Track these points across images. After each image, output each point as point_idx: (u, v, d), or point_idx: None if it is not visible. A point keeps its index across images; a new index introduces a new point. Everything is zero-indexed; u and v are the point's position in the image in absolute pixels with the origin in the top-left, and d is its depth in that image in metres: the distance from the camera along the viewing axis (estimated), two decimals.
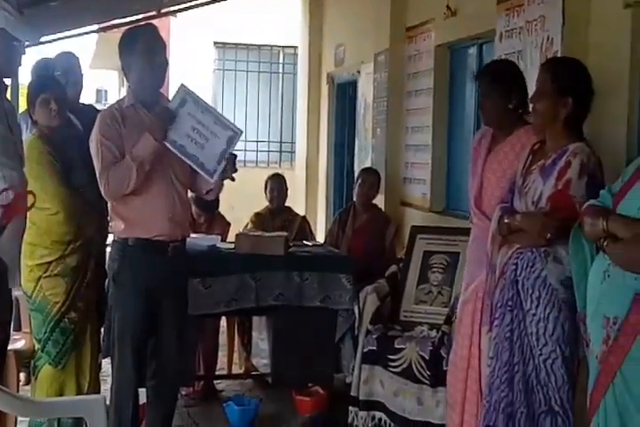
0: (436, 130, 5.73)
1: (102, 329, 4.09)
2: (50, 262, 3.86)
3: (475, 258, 3.52)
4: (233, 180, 3.70)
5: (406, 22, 6.21)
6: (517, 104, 3.45)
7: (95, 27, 8.18)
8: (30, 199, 3.48)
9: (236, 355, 5.47)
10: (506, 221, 3.06)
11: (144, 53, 3.59)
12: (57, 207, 3.83)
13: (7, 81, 3.39)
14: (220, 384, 5.28)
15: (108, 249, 3.81)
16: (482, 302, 3.39)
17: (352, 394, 4.43)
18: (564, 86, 3.01)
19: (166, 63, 3.68)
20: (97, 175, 3.60)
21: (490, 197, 3.48)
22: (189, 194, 4.97)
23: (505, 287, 3.07)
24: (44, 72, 4.29)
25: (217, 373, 5.27)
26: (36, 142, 3.87)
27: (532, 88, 3.22)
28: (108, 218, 3.74)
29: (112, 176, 3.55)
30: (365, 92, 7.21)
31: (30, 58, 4.55)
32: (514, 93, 3.45)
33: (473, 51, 5.40)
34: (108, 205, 3.73)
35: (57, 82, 4.05)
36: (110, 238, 3.85)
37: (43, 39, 6.78)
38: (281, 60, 10.75)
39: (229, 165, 3.58)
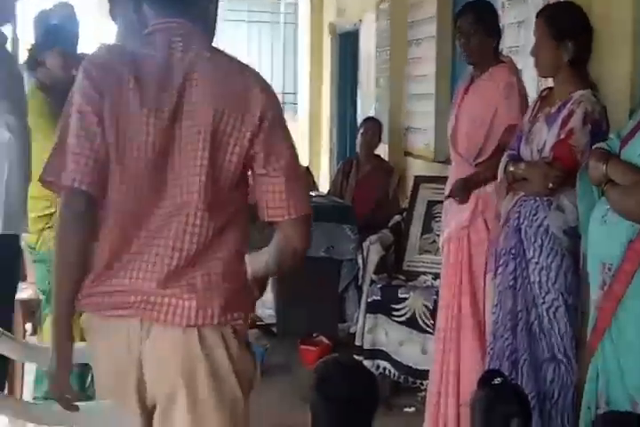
0: (439, 78, 5.68)
1: None
2: (52, 214, 3.86)
3: (450, 200, 3.56)
4: None
5: None
6: (497, 42, 3.51)
7: None
8: None
9: None
10: (510, 169, 3.05)
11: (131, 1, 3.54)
12: None
13: (7, 33, 3.37)
14: None
15: None
16: (467, 241, 3.45)
17: (356, 343, 4.47)
18: (560, 30, 2.96)
19: None
20: None
21: (463, 136, 3.53)
22: None
23: (508, 235, 3.07)
24: (52, 24, 4.23)
25: None
26: (36, 92, 3.84)
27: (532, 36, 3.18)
28: None
29: None
30: (368, 41, 7.13)
31: (27, 8, 4.49)
32: (495, 32, 3.51)
33: None
34: None
35: (71, 35, 4.02)
36: None
37: None
38: (282, 10, 10.61)
39: None
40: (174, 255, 1.83)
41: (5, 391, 3.63)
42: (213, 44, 1.99)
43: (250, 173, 1.92)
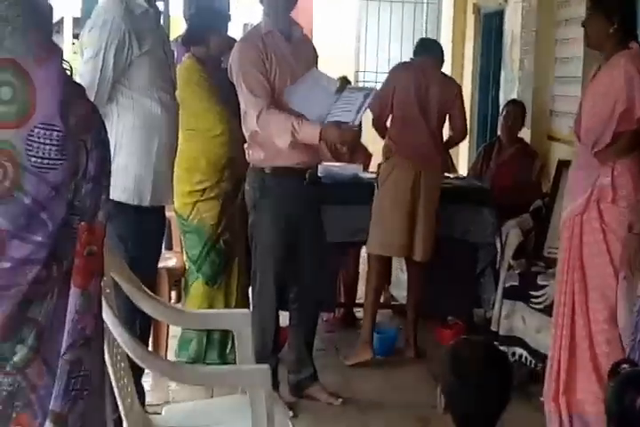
0: (586, 61, 5.47)
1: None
2: (206, 189, 3.99)
3: (573, 182, 3.49)
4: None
5: None
6: (618, 29, 3.32)
7: None
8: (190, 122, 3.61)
9: None
10: None
11: None
12: (220, 129, 3.90)
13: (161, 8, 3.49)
14: (359, 313, 5.33)
15: None
16: (580, 228, 3.35)
17: (492, 329, 4.40)
18: None
19: None
20: (243, 104, 3.63)
21: (587, 122, 3.40)
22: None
23: None
24: (208, 5, 4.37)
25: (357, 301, 5.35)
26: (195, 66, 3.98)
27: None
28: (245, 146, 3.76)
29: (263, 124, 3.56)
30: (513, 21, 6.96)
31: None
32: (615, 18, 3.32)
33: None
34: (245, 132, 3.73)
35: (225, 16, 4.17)
36: None
37: None
38: None
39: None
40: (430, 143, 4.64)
41: None
42: None
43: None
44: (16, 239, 1.37)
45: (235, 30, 4.64)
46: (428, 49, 4.99)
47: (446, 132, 4.95)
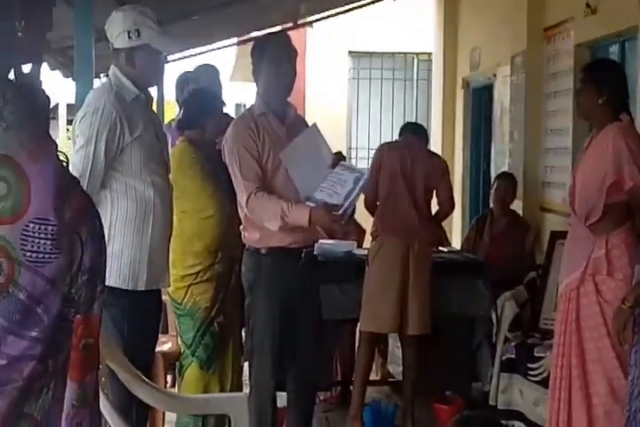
0: (576, 132, 5.58)
1: (244, 332, 4.18)
2: (199, 272, 3.98)
3: (569, 255, 3.49)
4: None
5: (544, 22, 6.09)
6: (608, 101, 3.36)
7: (234, 40, 8.38)
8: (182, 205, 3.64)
9: None
10: None
11: (271, 62, 3.62)
12: (212, 210, 3.92)
13: (153, 94, 3.55)
14: None
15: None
16: (576, 302, 3.33)
17: (490, 403, 4.37)
18: None
19: (293, 72, 3.67)
20: (235, 186, 3.63)
21: (579, 195, 3.41)
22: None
23: None
24: (202, 88, 4.39)
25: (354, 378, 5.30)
26: (187, 148, 4.02)
27: None
28: (241, 227, 3.72)
29: (253, 207, 3.54)
30: (502, 95, 7.11)
31: (170, 70, 4.73)
32: (604, 90, 3.36)
33: (615, 49, 5.24)
34: (241, 213, 3.69)
35: (218, 98, 4.23)
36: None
37: (185, 53, 7.03)
38: (415, 67, 10.73)
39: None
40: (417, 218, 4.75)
41: None
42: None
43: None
44: (11, 335, 1.35)
45: (227, 111, 4.69)
46: (413, 130, 5.13)
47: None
